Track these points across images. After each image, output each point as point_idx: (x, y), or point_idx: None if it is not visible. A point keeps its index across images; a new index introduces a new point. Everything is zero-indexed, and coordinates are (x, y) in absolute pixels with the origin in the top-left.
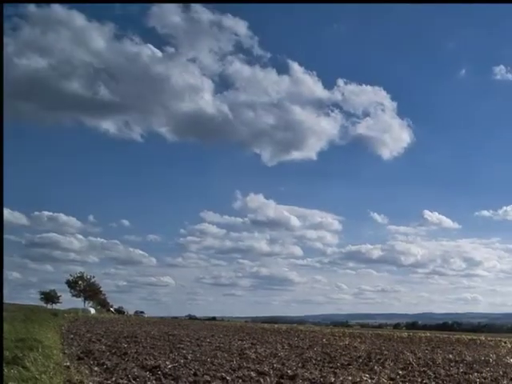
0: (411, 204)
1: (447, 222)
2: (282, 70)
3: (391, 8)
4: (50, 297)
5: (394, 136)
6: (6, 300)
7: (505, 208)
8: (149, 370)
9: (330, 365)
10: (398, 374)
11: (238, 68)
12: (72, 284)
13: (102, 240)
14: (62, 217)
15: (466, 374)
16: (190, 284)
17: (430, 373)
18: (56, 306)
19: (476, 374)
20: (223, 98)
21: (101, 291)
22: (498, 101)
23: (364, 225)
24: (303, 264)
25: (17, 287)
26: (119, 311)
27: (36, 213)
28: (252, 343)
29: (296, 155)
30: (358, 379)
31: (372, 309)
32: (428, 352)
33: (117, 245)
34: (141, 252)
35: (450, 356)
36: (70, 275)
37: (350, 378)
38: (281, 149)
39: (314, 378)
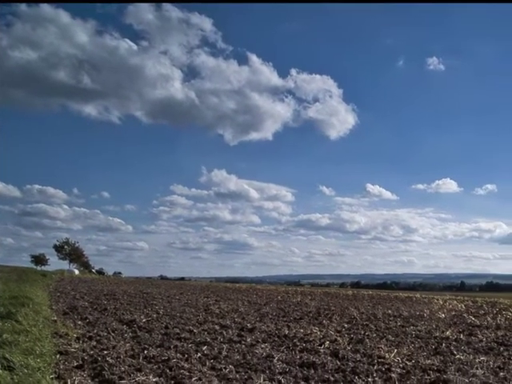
0: (355, 178)
1: (387, 194)
2: (242, 61)
3: (338, 8)
4: (39, 260)
5: (340, 119)
6: (0, 262)
7: (437, 182)
8: (126, 323)
9: (284, 319)
10: (344, 327)
11: (204, 59)
12: (59, 248)
13: (85, 210)
14: (50, 189)
15: (403, 327)
16: (161, 248)
17: (372, 326)
18: (45, 268)
19: (412, 327)
20: (191, 85)
21: (84, 255)
22: (431, 88)
23: (314, 197)
24: (261, 231)
25: (11, 251)
26: (100, 272)
27: (27, 186)
28: (216, 300)
29: (254, 136)
30: (309, 331)
31: (321, 270)
32: (370, 308)
33: (98, 214)
34: (119, 220)
35: (389, 311)
36: (57, 241)
37: (301, 330)
38: (241, 130)
39: (270, 331)
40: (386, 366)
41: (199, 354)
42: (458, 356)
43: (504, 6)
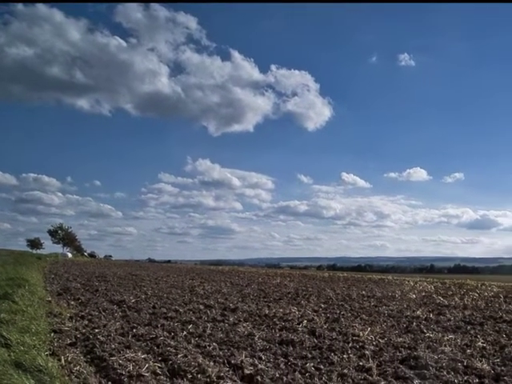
0: (331, 167)
1: (361, 182)
2: (225, 57)
3: (316, 6)
4: (34, 244)
5: (317, 111)
6: None
7: (408, 171)
8: (116, 303)
9: (265, 299)
10: (321, 307)
11: (189, 56)
12: (53, 233)
13: (78, 197)
14: (45, 178)
15: (376, 306)
16: (149, 233)
17: (347, 306)
18: (40, 251)
19: (384, 306)
20: (177, 80)
21: (76, 239)
22: (402, 83)
23: (292, 184)
24: (243, 217)
25: (7, 236)
26: (91, 255)
27: (23, 175)
28: (200, 282)
29: (236, 127)
30: (288, 311)
31: (299, 253)
32: (345, 289)
33: (89, 201)
34: (109, 207)
35: (363, 292)
36: (51, 226)
37: (281, 310)
38: (224, 122)
39: (251, 310)
40: (360, 344)
41: (185, 333)
42: (427, 334)
43: (472, 5)
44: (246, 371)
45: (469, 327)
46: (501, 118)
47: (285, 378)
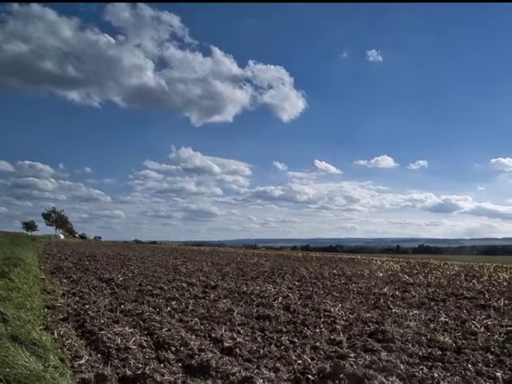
0: (305, 155)
1: (332, 169)
2: (206, 53)
3: (289, 6)
4: (29, 226)
5: (291, 103)
6: None
7: (376, 158)
8: (105, 281)
9: (243, 277)
10: (295, 285)
11: (173, 52)
12: (46, 216)
13: (69, 183)
14: (39, 165)
15: (346, 284)
16: (136, 216)
17: (319, 283)
18: (34, 233)
19: (354, 284)
20: (161, 74)
21: (68, 221)
22: (371, 77)
23: (269, 171)
24: (222, 201)
25: (4, 219)
26: (82, 237)
27: (19, 162)
28: (183, 261)
29: (217, 118)
30: (264, 288)
31: (274, 235)
32: (317, 268)
33: (80, 186)
34: (99, 192)
35: (334, 271)
36: (45, 209)
37: (257, 287)
38: (205, 113)
39: (230, 288)
40: (332, 319)
41: (169, 308)
42: (394, 310)
43: (433, 4)
44: (226, 344)
45: (432, 303)
46: (461, 110)
47: (261, 351)
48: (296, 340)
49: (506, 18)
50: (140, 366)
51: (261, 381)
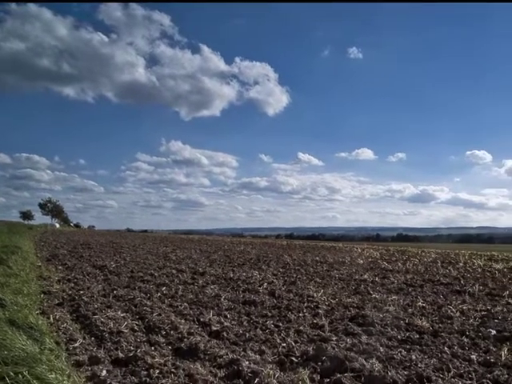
0: (289, 148)
1: (315, 161)
2: (195, 50)
3: (274, 6)
4: (26, 215)
5: (276, 98)
6: None
7: (356, 151)
8: (98, 268)
9: (230, 264)
10: (279, 271)
11: (163, 49)
12: (43, 206)
13: (65, 174)
14: (36, 157)
15: (328, 271)
16: (128, 206)
17: (302, 270)
18: (31, 222)
19: (335, 271)
20: (152, 71)
21: (63, 211)
22: (352, 73)
23: (254, 163)
24: (210, 191)
25: (2, 208)
26: (77, 226)
27: (17, 154)
28: (173, 249)
29: (205, 112)
30: (250, 275)
31: (260, 224)
32: (301, 255)
33: (75, 178)
34: (92, 183)
35: (317, 258)
36: (41, 199)
37: (244, 274)
38: (194, 108)
39: (218, 274)
40: (315, 304)
41: (159, 294)
42: (373, 295)
43: (412, 4)
44: (214, 328)
45: (410, 289)
46: (438, 105)
47: (248, 334)
48: (280, 324)
49: (483, 19)
50: (132, 348)
51: (247, 363)
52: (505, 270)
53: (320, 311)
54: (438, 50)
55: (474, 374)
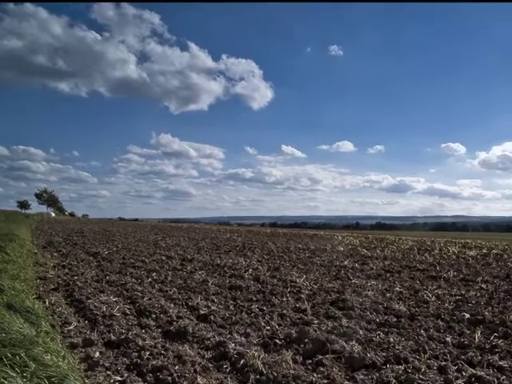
0: (273, 140)
1: (297, 153)
2: (184, 48)
3: (259, 6)
4: (23, 204)
5: (260, 94)
6: None
7: (337, 143)
8: (92, 255)
9: (217, 251)
10: (264, 258)
11: (153, 47)
12: (39, 196)
13: (60, 165)
14: (32, 149)
15: (310, 257)
16: (120, 196)
17: (286, 257)
18: (28, 211)
19: (317, 257)
20: (143, 67)
21: (59, 201)
22: (332, 69)
23: (240, 155)
24: (198, 182)
25: (0, 198)
26: (71, 214)
27: (14, 146)
28: (163, 237)
29: (193, 107)
30: (236, 261)
31: (245, 213)
32: (284, 243)
33: (70, 169)
34: (86, 174)
35: (300, 245)
36: (38, 190)
37: (230, 260)
38: (183, 102)
39: (205, 261)
40: (297, 289)
41: (150, 279)
42: (353, 281)
43: (389, 4)
44: (201, 312)
45: (388, 275)
46: (415, 99)
47: (234, 318)
48: (265, 308)
49: (455, 18)
50: (123, 331)
51: (233, 345)
52: (478, 256)
53: (302, 296)
54: (415, 46)
55: (448, 355)
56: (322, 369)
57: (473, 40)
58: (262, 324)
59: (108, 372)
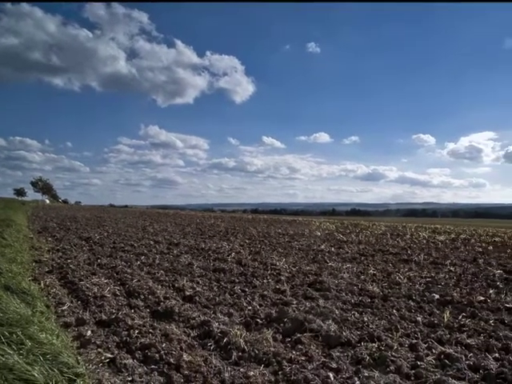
0: (254, 132)
1: (277, 144)
2: (171, 45)
3: (242, 5)
4: (20, 192)
5: (243, 88)
6: None
7: (314, 134)
8: (84, 239)
9: (202, 236)
10: (246, 242)
11: (142, 44)
12: (34, 184)
13: (54, 155)
14: (28, 140)
15: (289, 242)
16: (110, 184)
17: (266, 241)
18: (24, 198)
19: (296, 242)
20: (132, 63)
21: (53, 189)
22: (310, 65)
23: (223, 145)
24: (184, 171)
25: None
26: (65, 202)
27: (11, 137)
28: (150, 222)
29: (180, 100)
30: (220, 245)
31: (228, 200)
32: (265, 228)
33: (63, 158)
34: (79, 163)
35: (279, 230)
36: (33, 178)
37: (214, 244)
38: (170, 96)
39: (191, 245)
40: (277, 271)
41: (138, 262)
42: (330, 264)
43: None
44: (187, 293)
45: (362, 258)
46: (387, 93)
47: (217, 298)
48: (247, 289)
49: (427, 17)
50: (114, 311)
51: (217, 324)
52: (447, 241)
53: (282, 278)
54: (387, 44)
55: (419, 334)
56: (300, 346)
57: (444, 39)
58: (244, 304)
59: (99, 349)
